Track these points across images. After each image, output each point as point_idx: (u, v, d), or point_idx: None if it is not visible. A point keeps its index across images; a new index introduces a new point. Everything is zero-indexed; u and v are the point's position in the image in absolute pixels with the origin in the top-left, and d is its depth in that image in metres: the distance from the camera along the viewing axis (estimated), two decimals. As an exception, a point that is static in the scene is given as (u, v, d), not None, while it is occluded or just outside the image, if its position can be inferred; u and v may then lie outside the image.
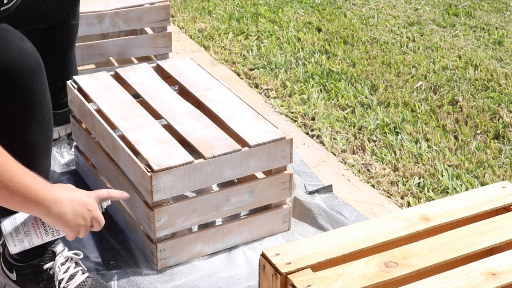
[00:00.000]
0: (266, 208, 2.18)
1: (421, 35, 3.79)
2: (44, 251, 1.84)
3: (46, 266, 1.85)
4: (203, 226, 2.12)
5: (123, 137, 2.06)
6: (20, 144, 1.64)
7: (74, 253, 1.90)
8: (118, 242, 2.16)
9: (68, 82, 2.33)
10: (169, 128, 2.12)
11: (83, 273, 1.89)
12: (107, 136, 2.12)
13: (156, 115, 2.18)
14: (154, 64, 2.45)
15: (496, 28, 3.90)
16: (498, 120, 2.92)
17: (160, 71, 2.42)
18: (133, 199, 2.05)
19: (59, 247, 1.86)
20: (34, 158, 1.69)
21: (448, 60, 3.47)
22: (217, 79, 2.36)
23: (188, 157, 1.96)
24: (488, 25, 3.94)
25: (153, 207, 1.96)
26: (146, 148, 1.99)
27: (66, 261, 1.87)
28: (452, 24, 3.96)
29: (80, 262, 1.91)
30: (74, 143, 2.46)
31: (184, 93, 2.32)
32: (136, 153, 2.00)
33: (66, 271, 1.86)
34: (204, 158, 1.97)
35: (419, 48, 3.61)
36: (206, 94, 2.27)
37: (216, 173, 2.01)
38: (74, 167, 2.50)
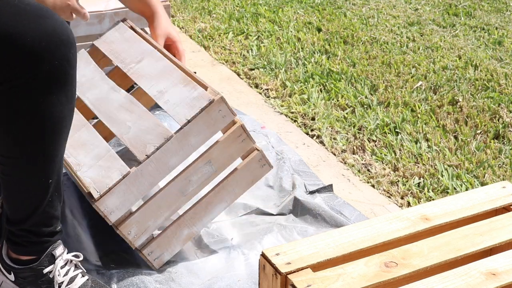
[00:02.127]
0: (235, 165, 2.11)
1: (421, 35, 3.79)
2: (43, 252, 1.83)
3: (46, 270, 1.83)
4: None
5: (66, 162, 2.01)
6: (46, 114, 1.63)
7: (74, 255, 1.89)
8: (118, 243, 2.16)
9: None
10: (105, 130, 2.07)
11: (83, 275, 1.88)
12: None
13: (94, 116, 2.13)
14: (90, 46, 2.36)
15: (496, 28, 3.90)
16: (498, 120, 2.92)
17: (96, 52, 2.32)
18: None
19: (58, 250, 1.85)
20: (57, 134, 1.68)
21: (448, 60, 3.47)
22: (149, 41, 2.25)
23: (125, 169, 1.91)
24: (488, 25, 3.94)
25: (117, 225, 1.94)
26: (86, 172, 1.94)
27: (66, 264, 1.86)
28: (452, 24, 3.96)
29: (79, 264, 1.91)
30: None
31: (118, 74, 2.26)
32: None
33: (66, 274, 1.85)
34: (140, 162, 1.92)
35: (419, 48, 3.61)
36: (137, 70, 2.16)
37: (161, 168, 1.94)
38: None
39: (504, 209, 1.75)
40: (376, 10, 4.12)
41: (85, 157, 1.98)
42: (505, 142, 2.77)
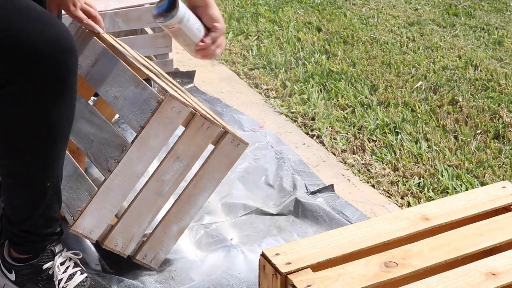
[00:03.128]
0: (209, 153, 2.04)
1: (421, 35, 3.79)
2: (43, 250, 1.84)
3: (45, 266, 1.85)
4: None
5: None
6: (45, 119, 1.64)
7: (73, 253, 1.90)
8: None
9: None
10: (72, 146, 2.07)
11: (81, 273, 1.89)
12: None
13: None
14: None
15: (496, 28, 3.90)
16: (498, 120, 2.92)
17: None
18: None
19: (58, 247, 1.86)
20: (56, 139, 1.69)
21: (448, 60, 3.47)
22: (101, 38, 2.15)
23: (92, 188, 1.88)
24: (488, 25, 3.94)
25: (101, 241, 1.94)
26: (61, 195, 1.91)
27: (65, 261, 1.87)
28: (452, 24, 3.96)
29: (78, 262, 1.91)
30: None
31: (80, 82, 2.06)
32: None
33: (65, 271, 1.87)
34: (106, 176, 1.87)
35: (419, 48, 3.61)
36: (94, 74, 2.08)
37: (128, 179, 1.89)
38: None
39: (504, 209, 1.75)
40: (376, 10, 4.12)
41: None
42: (505, 142, 2.77)
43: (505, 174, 2.56)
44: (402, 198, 2.45)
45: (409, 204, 2.41)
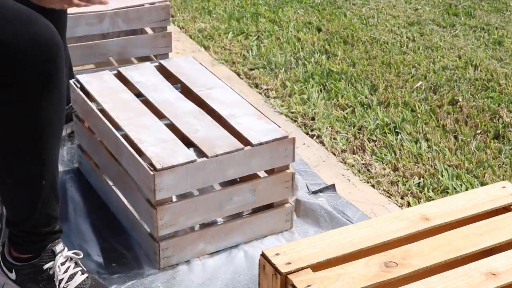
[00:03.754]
0: (268, 207, 2.18)
1: (421, 35, 3.79)
2: (43, 250, 1.84)
3: (46, 266, 1.84)
4: (205, 225, 2.12)
5: (126, 137, 2.06)
6: (35, 117, 1.64)
7: (74, 253, 1.90)
8: (120, 242, 2.16)
9: (71, 81, 2.33)
10: (171, 127, 2.12)
11: (82, 273, 1.89)
12: (110, 136, 2.12)
13: (159, 114, 2.18)
14: (157, 64, 2.46)
15: (496, 28, 3.90)
16: (498, 120, 2.92)
17: (163, 70, 2.42)
18: (136, 198, 2.05)
19: (58, 247, 1.86)
20: (47, 137, 1.69)
21: (448, 60, 3.47)
22: (220, 78, 2.37)
23: (191, 156, 1.96)
24: (488, 25, 3.95)
25: (156, 205, 1.96)
26: (149, 147, 1.99)
27: (66, 261, 1.87)
28: (452, 24, 3.96)
29: (79, 262, 1.91)
30: (77, 142, 2.46)
31: (187, 92, 2.33)
32: (140, 152, 2.00)
33: (66, 271, 1.86)
34: (207, 157, 1.97)
35: (419, 48, 3.61)
36: (209, 93, 2.27)
37: (219, 172, 2.01)
38: (76, 165, 2.50)
39: (504, 209, 1.75)
40: (376, 10, 4.12)
41: (148, 136, 2.04)
42: (505, 142, 2.77)
43: (505, 174, 2.56)
44: (402, 198, 2.45)
45: (409, 204, 2.41)
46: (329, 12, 4.05)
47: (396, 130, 2.84)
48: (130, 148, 2.01)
